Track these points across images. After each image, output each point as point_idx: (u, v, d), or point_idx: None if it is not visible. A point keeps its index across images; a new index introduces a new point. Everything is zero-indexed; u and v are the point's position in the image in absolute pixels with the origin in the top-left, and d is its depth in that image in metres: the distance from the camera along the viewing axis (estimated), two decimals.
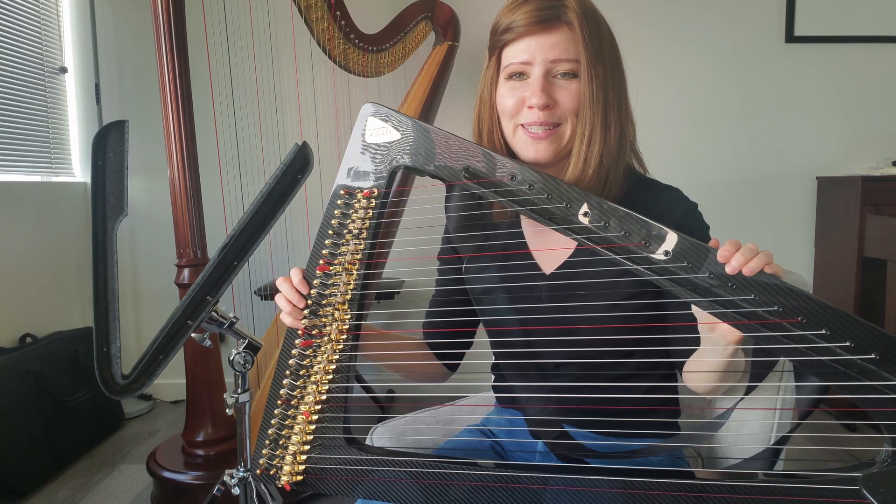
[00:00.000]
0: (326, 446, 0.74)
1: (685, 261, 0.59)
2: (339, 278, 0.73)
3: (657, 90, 2.54)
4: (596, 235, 0.62)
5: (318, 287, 0.74)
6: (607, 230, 0.62)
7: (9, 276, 2.10)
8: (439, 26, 2.31)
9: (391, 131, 0.71)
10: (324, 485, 0.74)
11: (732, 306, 0.58)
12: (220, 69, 1.90)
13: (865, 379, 0.53)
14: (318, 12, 1.71)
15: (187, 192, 1.61)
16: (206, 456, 1.68)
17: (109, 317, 0.97)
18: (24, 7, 2.22)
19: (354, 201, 0.73)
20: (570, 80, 0.76)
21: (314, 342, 0.74)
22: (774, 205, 2.60)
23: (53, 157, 2.39)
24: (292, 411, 0.75)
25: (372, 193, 0.72)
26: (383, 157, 0.72)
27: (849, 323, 0.54)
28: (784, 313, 0.56)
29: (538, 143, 0.77)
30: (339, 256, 0.73)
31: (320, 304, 0.74)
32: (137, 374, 0.97)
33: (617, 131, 0.77)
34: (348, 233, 0.73)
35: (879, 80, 2.54)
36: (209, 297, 0.91)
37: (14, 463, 1.78)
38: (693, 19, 2.52)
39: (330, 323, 0.74)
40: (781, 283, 0.56)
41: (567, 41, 0.75)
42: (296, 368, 0.75)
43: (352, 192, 0.73)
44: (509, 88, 0.79)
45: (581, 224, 0.63)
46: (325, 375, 0.74)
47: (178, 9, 1.55)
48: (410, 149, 0.70)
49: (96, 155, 0.98)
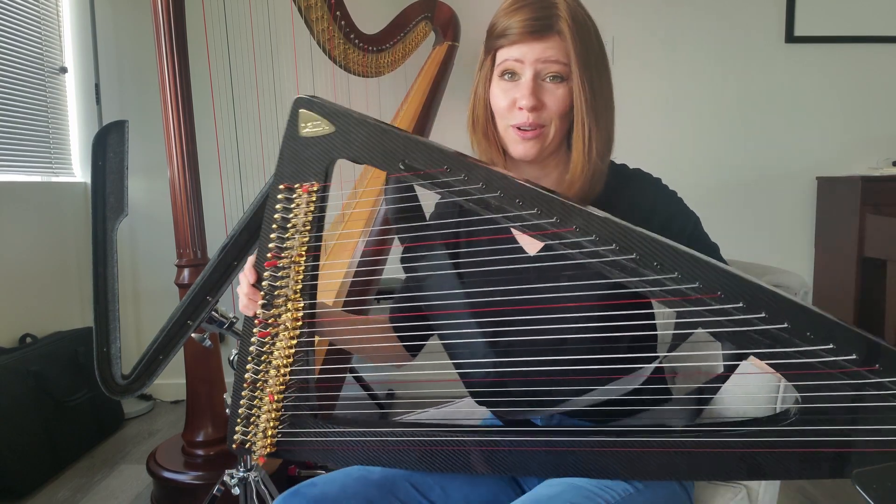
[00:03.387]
0: (294, 423, 0.78)
1: (613, 243, 0.62)
2: (289, 270, 0.75)
3: (657, 90, 2.53)
4: (530, 223, 0.65)
5: (268, 279, 0.76)
6: (540, 217, 0.64)
7: (9, 276, 2.10)
8: (439, 26, 2.31)
9: (325, 124, 0.70)
10: (295, 455, 0.79)
11: (658, 285, 0.61)
12: (220, 69, 1.90)
13: (779, 346, 0.57)
14: (318, 12, 1.71)
15: (187, 192, 1.60)
16: (206, 456, 1.68)
17: (109, 317, 0.97)
18: (24, 7, 2.22)
19: (294, 196, 0.73)
20: (558, 84, 0.81)
21: (270, 331, 0.77)
22: (774, 205, 2.60)
23: (53, 157, 2.39)
24: (258, 392, 0.79)
25: (312, 188, 0.72)
26: (318, 151, 0.71)
27: (763, 295, 0.58)
28: (704, 289, 0.59)
29: (526, 142, 0.83)
30: (287, 251, 0.75)
31: (273, 294, 0.76)
32: (137, 374, 0.97)
33: (605, 133, 0.83)
34: (292, 227, 0.74)
35: (879, 80, 2.54)
36: (209, 297, 0.91)
37: (14, 463, 1.78)
38: (693, 19, 2.52)
39: (284, 312, 0.76)
40: (702, 259, 0.59)
41: (558, 47, 0.79)
42: (257, 354, 0.78)
43: (291, 188, 0.73)
44: (502, 89, 0.83)
45: (516, 213, 0.65)
46: (284, 360, 0.77)
47: (178, 9, 1.55)
48: (345, 141, 0.69)
49: (96, 155, 0.97)
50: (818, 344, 0.56)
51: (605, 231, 0.62)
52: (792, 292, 0.88)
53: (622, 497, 0.74)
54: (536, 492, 0.76)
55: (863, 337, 0.55)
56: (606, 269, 0.62)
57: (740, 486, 0.92)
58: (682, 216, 0.85)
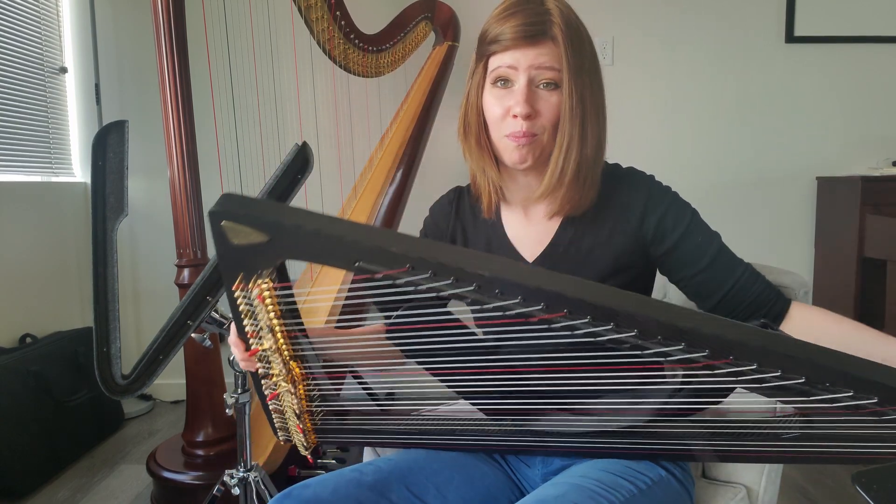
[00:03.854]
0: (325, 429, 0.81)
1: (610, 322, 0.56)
2: (276, 354, 0.71)
3: (657, 90, 2.53)
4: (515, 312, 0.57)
5: (261, 361, 0.72)
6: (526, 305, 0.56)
7: (9, 276, 2.10)
8: (439, 26, 2.31)
9: (256, 234, 0.59)
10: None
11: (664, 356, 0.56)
12: (220, 69, 1.90)
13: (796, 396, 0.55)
14: (318, 12, 1.71)
15: (187, 192, 1.61)
16: (206, 456, 1.68)
17: (109, 317, 0.97)
18: (24, 7, 2.22)
19: (252, 296, 0.65)
20: (551, 92, 0.80)
21: (279, 391, 0.75)
22: (774, 205, 2.60)
23: (53, 157, 2.39)
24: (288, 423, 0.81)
25: (267, 291, 0.63)
26: (259, 260, 0.61)
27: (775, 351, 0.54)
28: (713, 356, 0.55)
29: (521, 150, 0.82)
30: (264, 342, 0.70)
31: (268, 368, 0.73)
32: (137, 374, 0.97)
33: (594, 140, 0.82)
34: (261, 329, 0.68)
35: (879, 80, 2.54)
36: (209, 297, 0.91)
37: (14, 463, 1.78)
38: (693, 20, 2.52)
39: (286, 376, 0.73)
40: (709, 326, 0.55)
41: (551, 54, 0.79)
42: (275, 408, 0.78)
43: (245, 287, 0.64)
44: (496, 97, 0.83)
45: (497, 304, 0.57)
46: (303, 401, 0.76)
47: (178, 9, 1.55)
48: (286, 246, 0.60)
49: (96, 155, 0.98)
50: (836, 392, 0.54)
51: (600, 312, 0.56)
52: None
53: (626, 497, 0.74)
54: (540, 492, 0.76)
55: (881, 385, 0.53)
56: (609, 346, 0.58)
57: (740, 487, 0.92)
58: (676, 212, 0.84)
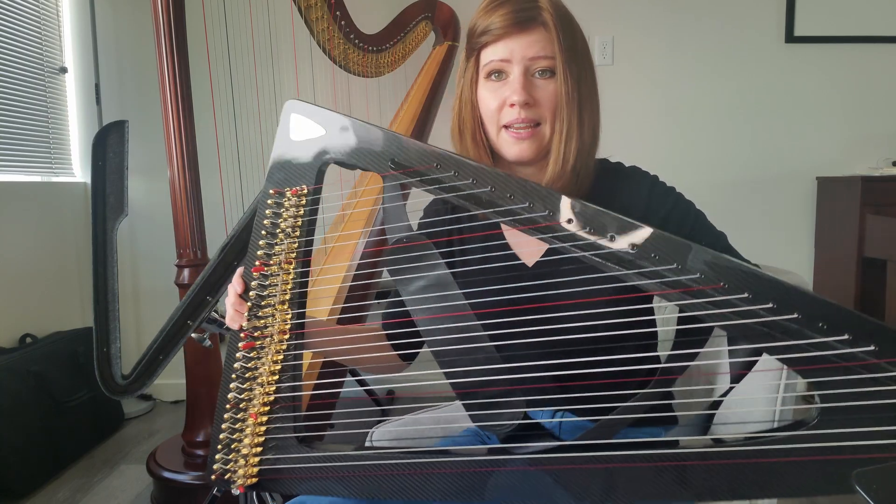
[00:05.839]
0: (279, 447, 0.73)
1: (608, 234, 0.60)
2: (277, 278, 0.73)
3: (657, 90, 2.52)
4: (523, 217, 0.64)
5: (256, 289, 0.74)
6: (532, 210, 0.63)
7: (9, 276, 2.10)
8: (439, 26, 2.31)
9: (316, 127, 0.71)
10: (278, 485, 0.73)
11: (657, 277, 0.58)
12: (220, 69, 1.90)
13: (789, 338, 0.54)
14: (318, 12, 1.71)
15: (187, 192, 1.61)
16: (206, 456, 1.68)
17: (109, 317, 0.97)
18: (24, 7, 2.22)
19: (284, 199, 0.73)
20: (548, 80, 0.79)
21: (256, 343, 0.74)
22: (774, 205, 2.60)
23: (53, 157, 2.39)
24: (241, 414, 0.74)
25: (301, 191, 0.72)
26: (309, 154, 0.72)
27: (769, 285, 0.55)
28: (706, 280, 0.56)
29: (521, 143, 0.80)
30: (275, 256, 0.73)
31: (260, 305, 0.74)
32: (137, 375, 0.97)
33: (590, 127, 0.81)
34: (281, 232, 0.73)
35: (879, 80, 2.54)
36: (209, 297, 0.91)
37: (14, 463, 1.78)
38: (693, 19, 2.52)
39: (271, 324, 0.73)
40: (702, 249, 0.57)
41: (544, 40, 0.78)
42: (242, 371, 0.74)
43: (281, 192, 0.73)
44: (491, 90, 0.81)
45: (507, 208, 0.64)
46: (270, 376, 0.73)
47: (178, 9, 1.55)
48: (336, 143, 0.70)
49: (96, 155, 0.98)
50: (832, 335, 0.53)
51: (598, 222, 0.60)
52: None
53: None
54: None
55: (881, 326, 0.52)
56: (602, 262, 0.60)
57: None
58: (680, 211, 0.83)
